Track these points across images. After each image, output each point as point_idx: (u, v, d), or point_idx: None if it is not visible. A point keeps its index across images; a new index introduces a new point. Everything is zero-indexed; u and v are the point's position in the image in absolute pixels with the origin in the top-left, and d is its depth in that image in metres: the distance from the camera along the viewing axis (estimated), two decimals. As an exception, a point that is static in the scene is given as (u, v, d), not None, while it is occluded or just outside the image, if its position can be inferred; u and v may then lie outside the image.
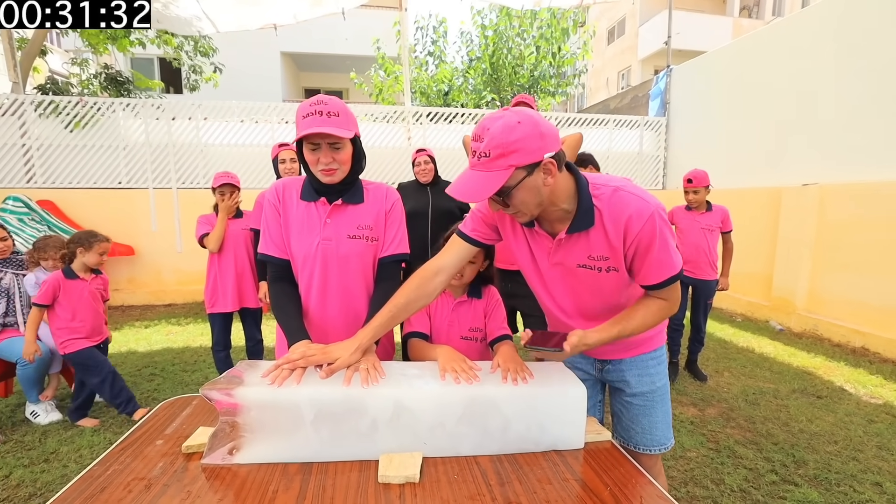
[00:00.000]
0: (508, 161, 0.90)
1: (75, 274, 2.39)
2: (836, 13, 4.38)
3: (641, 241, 0.99)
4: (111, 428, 2.49)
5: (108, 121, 5.24)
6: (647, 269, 1.03)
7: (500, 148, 0.89)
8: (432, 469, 0.96)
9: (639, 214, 0.97)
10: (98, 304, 2.48)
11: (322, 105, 1.13)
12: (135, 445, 1.03)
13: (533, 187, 0.94)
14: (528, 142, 0.90)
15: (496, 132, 0.90)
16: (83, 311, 2.39)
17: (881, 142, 3.95)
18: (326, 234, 1.24)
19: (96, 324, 2.47)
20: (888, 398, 2.94)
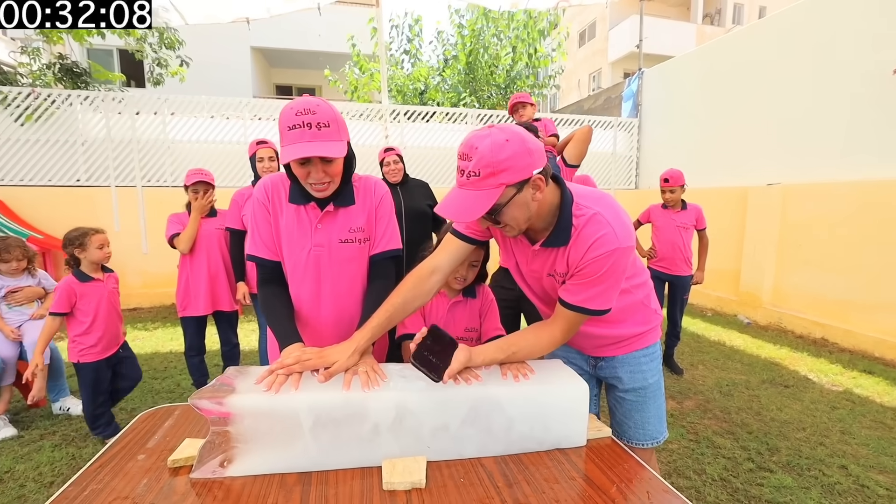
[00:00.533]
0: (498, 180, 0.90)
1: (88, 276, 2.16)
2: (791, 24, 4.63)
3: (591, 267, 0.99)
4: (74, 442, 2.33)
5: (64, 114, 4.90)
6: (576, 288, 1.03)
7: (490, 167, 0.89)
8: (437, 473, 0.94)
9: (602, 242, 0.97)
10: (116, 305, 2.29)
11: (310, 115, 1.03)
12: (114, 461, 0.95)
13: (523, 203, 0.95)
14: (517, 160, 0.89)
15: (485, 151, 0.88)
16: (102, 315, 2.17)
17: (837, 145, 4.20)
18: (318, 240, 1.20)
19: (114, 329, 2.26)
20: (847, 385, 3.13)
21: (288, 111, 1.05)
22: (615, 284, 1.02)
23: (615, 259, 0.98)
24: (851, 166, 4.07)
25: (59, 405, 2.62)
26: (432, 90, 9.30)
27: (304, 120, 1.02)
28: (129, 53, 7.17)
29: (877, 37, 3.86)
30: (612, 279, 1.01)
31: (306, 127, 1.03)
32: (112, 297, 2.28)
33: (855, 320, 3.92)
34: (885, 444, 2.37)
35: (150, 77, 7.21)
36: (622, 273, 1.02)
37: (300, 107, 1.04)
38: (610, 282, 1.01)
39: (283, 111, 1.06)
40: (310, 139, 1.03)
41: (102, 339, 2.20)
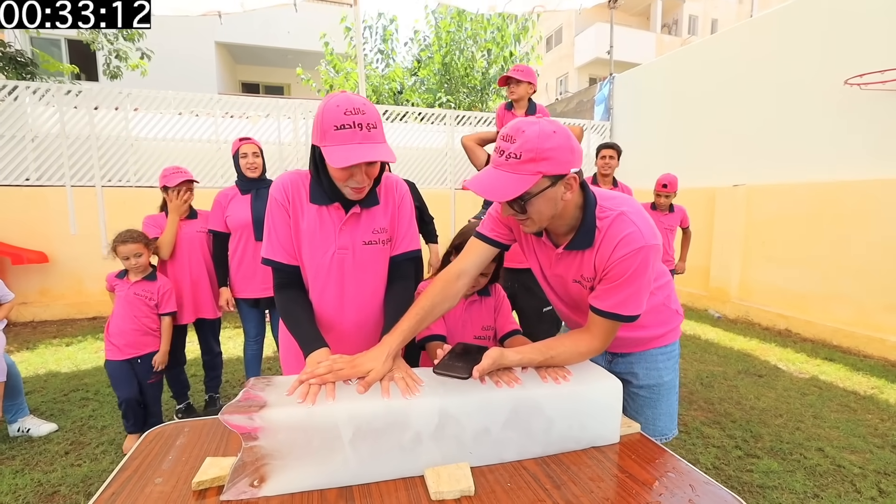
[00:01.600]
0: (538, 167, 0.89)
1: (124, 273, 2.25)
2: (749, 37, 4.94)
3: (618, 267, 0.98)
4: (38, 466, 2.13)
5: (10, 107, 4.49)
6: (606, 293, 1.02)
7: (533, 152, 0.88)
8: (482, 479, 0.91)
9: (629, 241, 0.97)
10: (135, 312, 2.20)
11: (359, 116, 0.97)
12: (128, 487, 0.86)
13: (552, 198, 0.94)
14: (560, 152, 0.89)
15: (531, 136, 0.88)
16: (119, 314, 2.20)
17: (796, 148, 4.50)
18: (342, 242, 1.15)
19: (131, 334, 2.20)
20: (813, 373, 3.34)
21: (333, 109, 0.98)
22: (645, 286, 1.01)
23: (642, 257, 0.97)
24: (808, 169, 4.37)
25: (17, 426, 2.38)
26: (408, 91, 9.24)
27: (354, 120, 0.97)
28: (82, 44, 6.69)
29: (828, 50, 4.17)
30: (641, 280, 0.99)
31: (357, 128, 0.98)
32: (131, 302, 2.21)
33: (814, 312, 4.21)
34: (853, 425, 2.55)
35: (106, 70, 6.75)
36: (651, 273, 1.01)
37: (348, 105, 0.98)
38: (639, 283, 1.00)
39: (327, 108, 1.00)
40: (361, 140, 0.99)
41: (118, 335, 2.19)
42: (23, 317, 4.50)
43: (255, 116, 5.28)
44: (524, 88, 2.50)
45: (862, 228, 3.83)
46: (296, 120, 5.38)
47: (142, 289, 2.22)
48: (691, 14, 18.64)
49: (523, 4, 5.37)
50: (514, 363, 1.00)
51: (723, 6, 18.82)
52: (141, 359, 2.23)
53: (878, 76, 3.69)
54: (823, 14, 4.23)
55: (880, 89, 3.71)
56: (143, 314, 2.23)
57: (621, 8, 16.61)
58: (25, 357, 3.62)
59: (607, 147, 3.17)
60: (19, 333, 4.21)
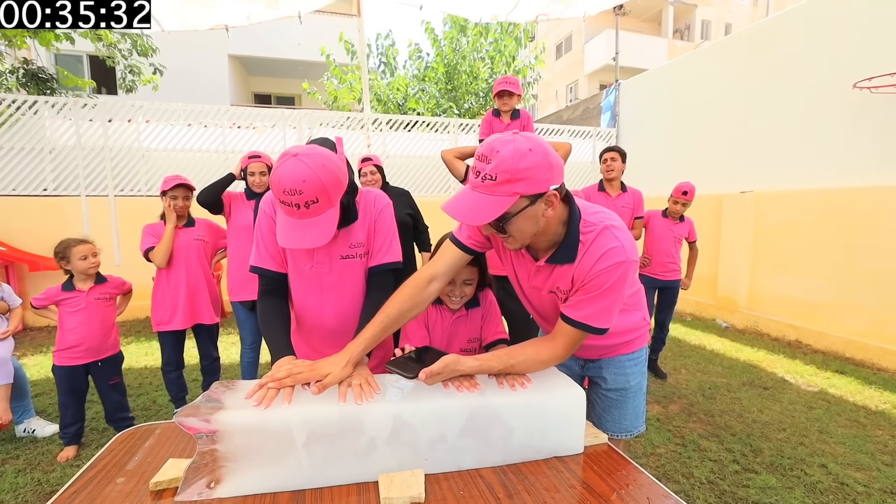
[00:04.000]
0: (514, 188, 0.88)
1: (72, 285, 2.23)
2: (757, 41, 4.87)
3: (598, 279, 0.98)
4: (39, 467, 2.19)
5: (30, 121, 4.70)
6: (580, 304, 1.01)
7: (508, 173, 0.87)
8: (435, 486, 0.91)
9: (611, 255, 0.97)
10: (100, 317, 2.26)
11: (297, 196, 0.98)
12: (90, 486, 0.89)
13: (532, 217, 0.93)
14: (536, 171, 0.88)
15: (506, 156, 0.87)
16: (74, 324, 2.20)
17: (805, 154, 4.40)
18: (318, 258, 1.22)
19: (96, 339, 2.24)
20: (822, 386, 3.23)
21: (276, 184, 1.00)
22: (618, 300, 1.02)
23: (622, 272, 0.98)
24: (817, 175, 4.27)
25: (23, 427, 2.46)
26: (412, 99, 9.36)
27: (291, 199, 0.99)
28: (100, 59, 6.97)
29: (838, 53, 4.09)
30: (616, 294, 1.00)
31: (294, 206, 1.00)
32: (92, 308, 2.23)
33: (825, 322, 4.07)
34: (861, 441, 2.45)
35: (122, 84, 7.02)
36: (625, 289, 1.02)
37: (287, 184, 0.98)
38: (613, 297, 1.00)
39: (273, 177, 1.02)
40: (299, 217, 1.02)
41: (79, 346, 2.20)
42: (39, 322, 4.65)
43: (261, 127, 5.41)
44: (515, 100, 2.61)
45: (875, 236, 3.72)
46: (301, 130, 5.49)
47: (100, 292, 2.25)
48: (704, 19, 18.47)
49: (526, 13, 5.41)
50: (470, 370, 0.99)
51: (736, 10, 18.61)
52: (101, 362, 2.27)
53: (888, 79, 3.60)
54: (832, 17, 4.16)
55: (891, 93, 3.62)
56: (107, 317, 2.28)
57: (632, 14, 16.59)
58: (39, 360, 3.75)
59: (608, 150, 3.16)
60: (35, 338, 4.36)
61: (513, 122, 2.64)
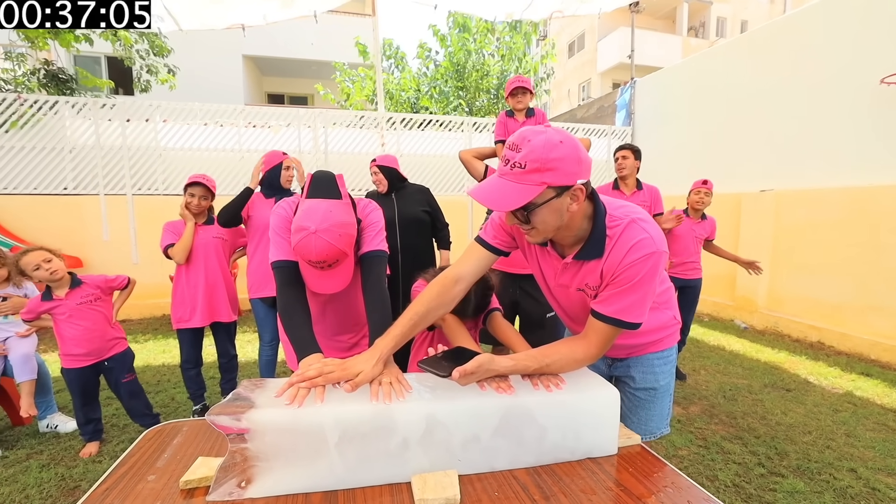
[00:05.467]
0: (543, 178, 0.88)
1: (50, 294, 2.17)
2: (776, 36, 4.76)
3: (628, 272, 0.97)
4: (63, 462, 2.22)
5: (50, 121, 4.78)
6: (612, 298, 1.00)
7: (538, 162, 0.87)
8: (469, 487, 0.89)
9: (641, 246, 0.96)
10: (89, 318, 2.18)
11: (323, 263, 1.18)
12: (122, 483, 0.88)
13: (557, 209, 0.93)
14: (566, 163, 0.88)
15: (537, 145, 0.87)
16: (70, 332, 2.16)
17: (826, 151, 4.29)
18: None
19: (96, 342, 2.20)
20: (847, 388, 3.15)
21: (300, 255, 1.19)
22: (650, 293, 1.00)
23: (652, 263, 0.96)
24: (839, 173, 4.15)
25: (46, 422, 2.50)
26: (424, 97, 9.35)
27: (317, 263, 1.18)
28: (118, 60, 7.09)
29: (862, 47, 3.97)
30: (648, 287, 0.98)
31: (318, 267, 1.21)
32: (76, 313, 2.16)
33: (849, 323, 3.97)
34: (891, 446, 2.38)
35: (138, 83, 7.12)
36: (656, 281, 1.00)
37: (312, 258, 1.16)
38: (645, 290, 0.98)
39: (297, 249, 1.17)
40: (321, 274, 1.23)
41: (79, 351, 2.18)
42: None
43: (276, 126, 5.45)
44: (529, 97, 2.62)
45: (901, 235, 3.61)
46: (316, 129, 5.51)
47: (80, 296, 2.17)
48: (719, 16, 18.16)
49: (541, 10, 5.37)
50: (505, 370, 0.97)
51: (753, 7, 18.25)
52: (108, 361, 2.24)
53: (916, 74, 3.49)
54: (854, 12, 4.04)
55: (919, 88, 3.51)
56: (100, 315, 2.21)
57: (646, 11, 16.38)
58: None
59: (621, 148, 3.11)
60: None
61: (528, 120, 2.61)
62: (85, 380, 2.22)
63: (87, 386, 2.24)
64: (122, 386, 2.30)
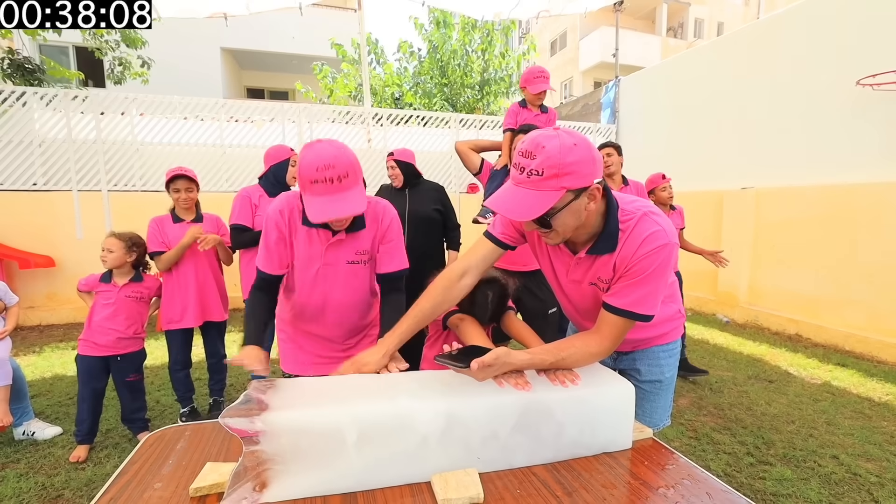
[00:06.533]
0: (561, 182, 0.88)
1: (109, 278, 2.26)
2: (756, 38, 4.90)
3: (641, 264, 0.98)
4: (42, 470, 2.11)
5: (17, 113, 4.53)
6: (624, 290, 1.00)
7: (555, 168, 0.87)
8: (490, 485, 0.88)
9: (654, 238, 0.97)
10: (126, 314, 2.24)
11: (330, 170, 1.08)
12: (127, 492, 0.84)
13: (576, 211, 0.94)
14: (582, 165, 0.89)
15: (552, 151, 0.87)
16: (107, 316, 2.21)
17: (806, 150, 4.44)
18: (328, 259, 1.31)
19: (115, 334, 2.21)
20: (825, 378, 3.28)
21: (307, 166, 1.09)
22: (662, 285, 1.01)
23: (665, 255, 0.98)
24: (818, 172, 4.31)
25: (22, 429, 2.37)
26: (408, 94, 9.28)
27: (325, 175, 1.08)
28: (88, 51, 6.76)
29: (840, 50, 4.12)
30: (660, 279, 1.00)
31: (328, 182, 1.09)
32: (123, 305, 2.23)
33: (825, 316, 4.13)
34: (868, 432, 2.48)
35: (111, 75, 6.81)
36: (669, 273, 1.01)
37: (319, 161, 1.08)
38: (657, 282, 1.00)
39: (303, 162, 1.10)
40: (333, 192, 1.10)
41: (97, 335, 2.20)
42: (30, 321, 4.52)
43: (259, 121, 5.31)
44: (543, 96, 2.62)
45: (874, 232, 3.77)
46: (300, 124, 5.39)
47: (131, 290, 2.26)
48: (697, 17, 18.60)
49: (528, 10, 5.39)
50: (521, 363, 0.97)
51: (729, 9, 18.77)
52: (121, 357, 2.25)
53: (891, 76, 3.64)
54: (834, 14, 4.19)
55: (893, 90, 3.66)
56: (134, 315, 2.26)
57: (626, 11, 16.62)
58: (32, 361, 3.63)
59: (604, 146, 3.15)
60: (26, 337, 4.22)
61: (540, 114, 2.60)
62: (95, 371, 2.22)
63: (96, 378, 2.24)
64: (126, 384, 2.29)
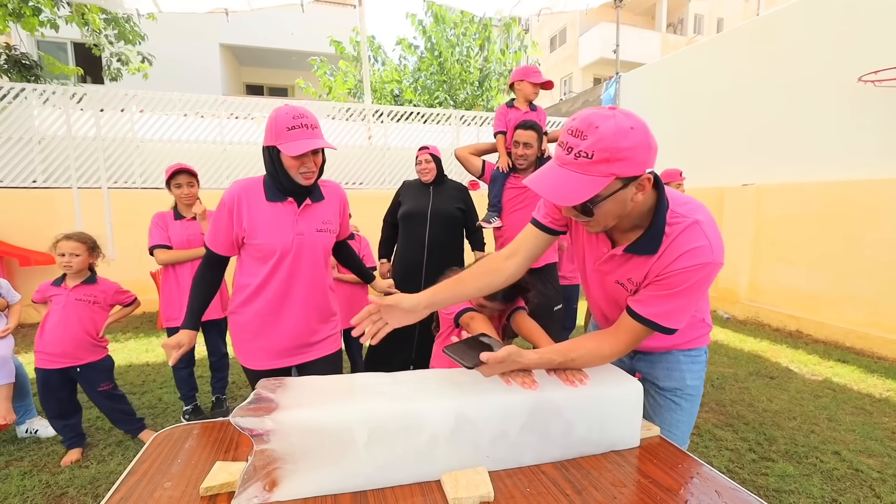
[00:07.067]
0: (611, 168, 0.81)
1: (60, 281, 2.14)
2: (757, 35, 4.88)
3: (677, 277, 0.92)
4: (46, 468, 2.11)
5: (17, 109, 4.51)
6: (653, 300, 0.95)
7: (607, 152, 0.80)
8: (500, 484, 0.88)
9: (697, 254, 0.90)
10: (77, 318, 2.09)
11: (305, 118, 1.30)
12: (138, 491, 0.84)
13: (622, 200, 0.87)
14: (637, 152, 0.81)
15: (606, 133, 0.79)
16: (57, 323, 2.08)
17: (806, 147, 4.44)
18: (299, 229, 1.42)
19: (69, 342, 2.08)
20: (826, 375, 3.28)
21: (284, 116, 1.29)
22: (693, 302, 0.95)
23: (705, 274, 0.91)
24: (819, 168, 4.31)
25: (25, 427, 2.37)
26: (407, 90, 9.25)
27: (301, 122, 1.29)
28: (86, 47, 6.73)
29: (841, 45, 4.11)
30: (694, 296, 0.93)
31: (304, 127, 1.29)
32: (68, 309, 2.09)
33: (826, 313, 4.14)
34: (869, 428, 2.49)
35: (108, 72, 6.78)
36: (705, 291, 0.96)
37: (295, 112, 1.30)
38: (690, 298, 0.93)
39: (279, 115, 1.30)
40: (308, 136, 1.30)
41: (53, 349, 2.08)
42: (31, 318, 4.49)
43: (259, 118, 5.29)
44: None
45: (874, 228, 3.77)
46: (301, 121, 5.37)
47: (83, 293, 2.12)
48: (697, 13, 18.54)
49: (530, 7, 5.36)
50: (531, 362, 0.96)
51: (728, 5, 18.70)
52: (81, 368, 2.14)
53: (894, 73, 3.63)
54: (835, 9, 4.17)
55: (895, 86, 3.65)
56: (87, 319, 2.13)
57: (626, 7, 16.55)
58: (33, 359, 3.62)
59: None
60: (27, 335, 4.21)
61: (529, 112, 2.59)
62: (55, 384, 2.10)
63: (58, 391, 2.12)
64: (99, 395, 2.20)
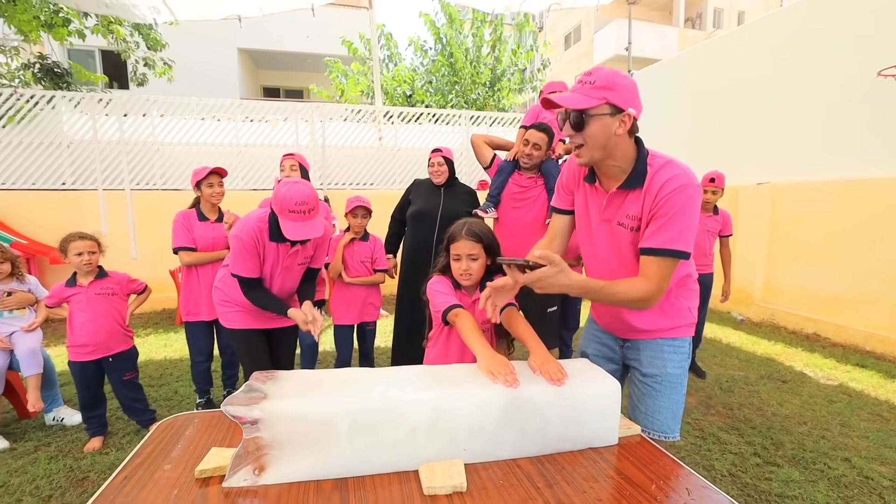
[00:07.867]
0: (605, 94, 1.07)
1: (74, 281, 2.25)
2: (774, 29, 4.76)
3: (667, 203, 1.09)
4: (71, 454, 2.24)
5: (48, 115, 4.75)
6: (657, 231, 1.10)
7: (604, 80, 1.07)
8: (475, 476, 0.92)
9: (675, 179, 1.09)
10: (104, 310, 2.23)
11: (304, 205, 1.64)
12: (139, 473, 0.91)
13: (607, 127, 1.09)
14: (626, 91, 1.08)
15: (608, 72, 1.09)
16: (86, 319, 2.21)
17: (823, 145, 4.31)
18: (286, 264, 1.89)
19: (102, 334, 2.22)
20: (842, 379, 3.20)
21: (290, 199, 1.63)
22: (691, 224, 1.11)
23: (688, 195, 1.08)
24: (836, 166, 4.18)
25: (52, 415, 2.52)
26: (419, 92, 9.31)
27: (300, 209, 1.64)
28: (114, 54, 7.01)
29: (860, 40, 3.98)
30: (688, 217, 1.10)
31: (301, 213, 1.65)
32: (92, 304, 2.22)
33: (844, 315, 4.02)
34: (884, 435, 2.43)
35: (133, 77, 7.06)
36: (695, 213, 1.11)
37: (297, 199, 1.64)
38: (686, 220, 1.09)
39: (286, 196, 1.63)
40: (304, 220, 1.66)
41: (81, 338, 2.21)
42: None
43: (273, 120, 5.43)
44: None
45: (895, 228, 3.64)
46: (313, 123, 5.49)
47: (100, 287, 2.24)
48: (716, 7, 18.06)
49: (539, 3, 5.34)
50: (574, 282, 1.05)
51: (750, -2, 18.15)
52: (113, 357, 2.26)
53: (914, 67, 3.51)
54: (852, 5, 4.04)
55: (916, 81, 3.53)
56: (113, 310, 2.25)
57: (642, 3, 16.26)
58: (61, 351, 3.80)
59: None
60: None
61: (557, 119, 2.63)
62: (90, 375, 2.25)
63: (91, 381, 2.27)
64: (123, 383, 2.33)
